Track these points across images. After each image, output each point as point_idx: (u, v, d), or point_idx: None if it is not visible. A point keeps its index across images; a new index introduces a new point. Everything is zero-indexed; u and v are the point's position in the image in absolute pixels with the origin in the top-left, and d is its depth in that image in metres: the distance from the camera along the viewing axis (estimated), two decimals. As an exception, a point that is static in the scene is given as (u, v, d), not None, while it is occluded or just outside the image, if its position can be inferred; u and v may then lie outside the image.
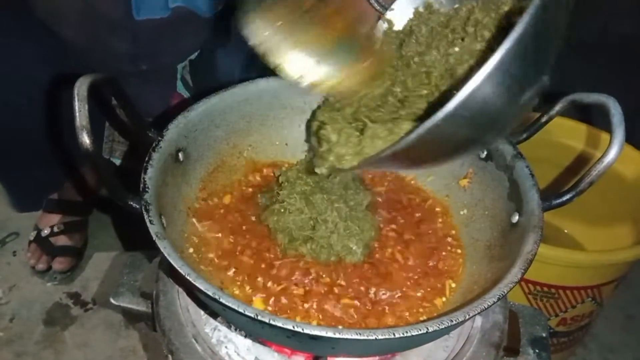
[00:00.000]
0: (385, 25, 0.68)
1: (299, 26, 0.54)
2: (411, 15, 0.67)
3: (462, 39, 0.58)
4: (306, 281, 0.60)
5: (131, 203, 0.54)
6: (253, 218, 0.67)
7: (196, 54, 1.03)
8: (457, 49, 0.57)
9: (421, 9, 0.67)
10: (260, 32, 0.54)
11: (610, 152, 0.55)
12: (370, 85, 0.58)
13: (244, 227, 0.65)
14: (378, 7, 0.71)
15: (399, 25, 0.67)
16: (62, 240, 1.28)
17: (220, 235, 0.64)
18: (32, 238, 1.30)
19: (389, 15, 0.68)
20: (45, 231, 1.28)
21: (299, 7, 0.54)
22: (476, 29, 0.57)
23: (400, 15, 0.67)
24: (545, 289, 0.98)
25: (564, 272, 0.95)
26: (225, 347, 0.63)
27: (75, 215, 1.32)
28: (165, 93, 1.07)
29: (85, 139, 0.50)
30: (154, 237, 0.51)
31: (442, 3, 0.65)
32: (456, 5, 0.63)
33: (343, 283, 0.60)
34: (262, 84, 0.73)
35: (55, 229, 1.28)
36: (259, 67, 0.85)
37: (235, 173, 0.72)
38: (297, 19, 0.54)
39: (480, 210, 0.67)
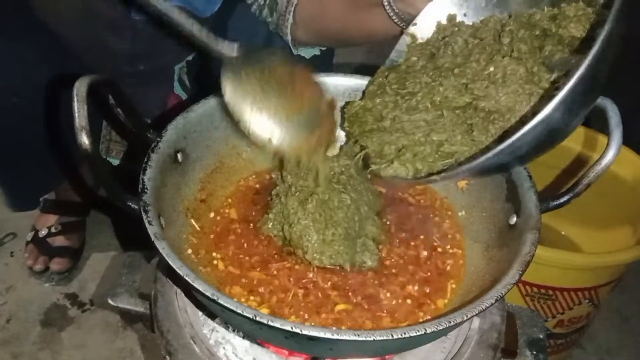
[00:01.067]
0: (408, 39, 0.69)
1: (269, 97, 0.60)
2: (434, 29, 0.68)
3: (502, 54, 0.59)
4: (305, 282, 0.60)
5: (130, 204, 0.54)
6: (251, 225, 0.67)
7: (193, 54, 1.03)
8: (502, 62, 0.58)
9: (444, 22, 0.67)
10: (237, 99, 0.59)
11: (607, 154, 0.56)
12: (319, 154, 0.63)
13: (243, 241, 0.66)
14: (398, 22, 0.72)
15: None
16: (59, 241, 1.28)
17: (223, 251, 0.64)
18: (29, 239, 1.30)
19: (412, 29, 0.69)
20: (43, 232, 1.28)
21: (268, 83, 0.60)
22: (512, 41, 0.58)
23: (424, 28, 0.69)
24: (543, 290, 0.98)
25: (561, 273, 0.95)
26: (223, 348, 0.63)
27: (73, 216, 1.31)
28: (162, 94, 1.07)
29: (85, 140, 0.50)
30: (153, 238, 0.51)
31: (466, 15, 0.66)
32: (481, 17, 0.64)
33: (343, 285, 0.60)
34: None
35: (53, 230, 1.28)
36: None
37: (235, 174, 0.72)
38: (267, 92, 0.60)
39: (478, 211, 0.67)
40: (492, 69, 0.58)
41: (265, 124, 0.59)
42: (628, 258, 0.91)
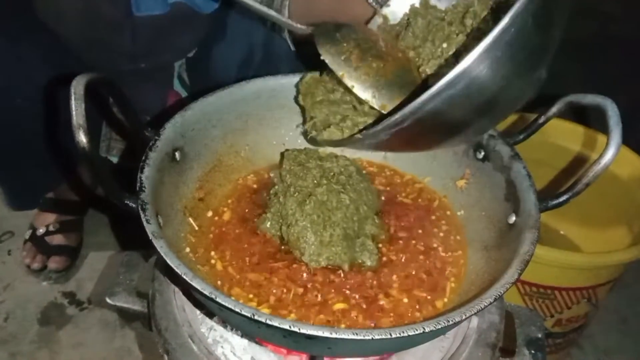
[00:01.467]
0: (380, 20, 0.69)
1: (367, 56, 0.62)
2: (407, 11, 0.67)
3: (457, 34, 0.58)
4: (304, 281, 0.60)
5: (128, 202, 0.54)
6: (249, 224, 0.67)
7: (193, 51, 1.03)
8: (456, 39, 0.58)
9: (417, 5, 0.67)
10: (335, 59, 0.62)
11: (607, 154, 0.55)
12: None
13: (241, 239, 0.65)
14: (373, 3, 0.71)
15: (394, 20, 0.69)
16: (57, 240, 1.28)
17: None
18: (27, 237, 1.29)
19: (385, 10, 0.69)
20: (41, 230, 1.28)
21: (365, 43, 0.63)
22: (473, 21, 0.58)
23: (397, 11, 0.69)
24: (541, 289, 0.98)
25: (559, 273, 0.95)
26: (222, 346, 0.63)
27: (71, 215, 1.31)
28: (162, 91, 1.07)
29: (82, 138, 0.50)
30: (151, 237, 0.51)
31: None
32: (454, 2, 0.64)
33: (342, 285, 0.60)
34: (259, 84, 0.73)
35: (51, 228, 1.28)
36: (255, 64, 0.85)
37: (233, 172, 0.72)
38: (365, 52, 0.63)
39: (477, 211, 0.67)
40: (445, 45, 0.59)
41: (368, 82, 0.61)
42: (627, 258, 0.90)
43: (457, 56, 0.59)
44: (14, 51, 0.97)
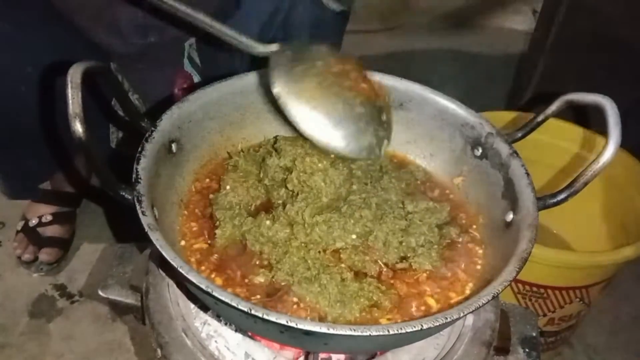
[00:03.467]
0: None
1: (327, 94, 0.59)
2: None
3: None
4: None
5: (123, 194, 0.53)
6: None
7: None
8: None
9: None
10: (292, 97, 0.59)
11: (606, 153, 0.55)
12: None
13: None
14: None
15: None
16: (50, 231, 1.27)
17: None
18: (19, 228, 1.28)
19: None
20: (33, 221, 1.26)
21: (324, 79, 0.60)
22: None
23: None
24: (535, 288, 0.98)
25: (553, 272, 0.95)
26: (215, 341, 0.62)
27: (64, 206, 1.30)
28: (171, 72, 1.06)
29: (78, 127, 0.49)
30: (146, 229, 0.50)
31: None
32: None
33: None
34: (257, 76, 0.72)
35: (44, 220, 1.27)
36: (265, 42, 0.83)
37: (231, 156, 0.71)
38: (322, 89, 0.60)
39: (474, 209, 0.67)
40: None
41: (324, 123, 0.58)
42: (620, 258, 0.91)
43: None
44: (19, 37, 0.95)
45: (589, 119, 1.13)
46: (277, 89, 0.60)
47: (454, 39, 1.98)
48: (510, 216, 0.59)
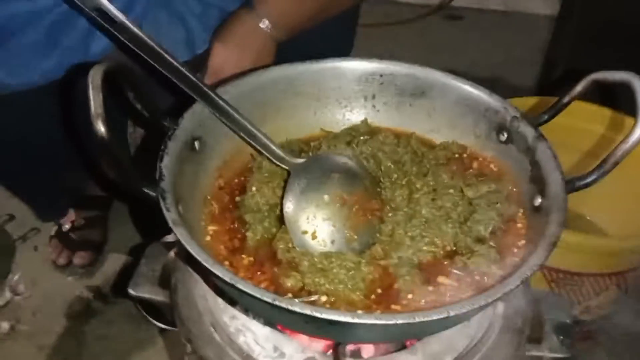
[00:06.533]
0: None
1: (327, 214, 0.61)
2: None
3: None
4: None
5: (147, 191, 0.54)
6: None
7: None
8: None
9: None
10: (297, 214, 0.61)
11: (636, 131, 0.53)
12: None
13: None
14: None
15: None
16: (83, 235, 1.30)
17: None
18: (53, 233, 1.31)
19: None
20: (67, 226, 1.30)
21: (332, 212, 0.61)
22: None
23: None
24: (568, 276, 0.96)
25: (586, 258, 0.93)
26: (244, 335, 0.63)
27: (95, 210, 1.33)
28: None
29: (100, 127, 0.50)
30: (171, 225, 0.51)
31: None
32: None
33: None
34: (276, 72, 0.72)
35: (77, 224, 1.30)
36: None
37: (253, 159, 0.72)
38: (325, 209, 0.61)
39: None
40: None
41: (319, 244, 0.59)
42: (656, 241, 0.88)
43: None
44: None
45: (617, 101, 1.10)
46: (287, 210, 0.61)
47: (476, 24, 1.95)
48: (538, 200, 0.58)
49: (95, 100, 0.50)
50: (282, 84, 0.73)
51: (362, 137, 0.72)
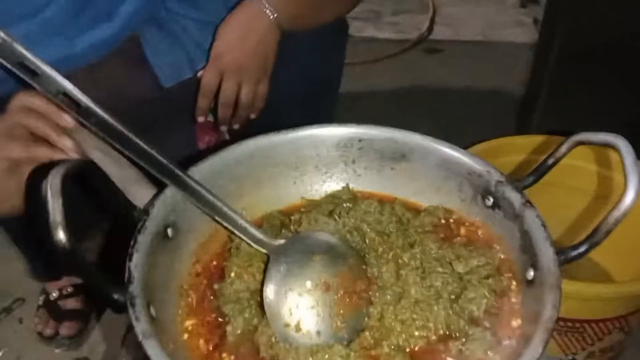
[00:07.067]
0: None
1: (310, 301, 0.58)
2: None
3: None
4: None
5: (116, 297, 0.51)
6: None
7: None
8: None
9: None
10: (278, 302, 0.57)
11: (626, 198, 0.51)
12: None
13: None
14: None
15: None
16: (71, 304, 1.25)
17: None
18: (40, 302, 1.27)
19: None
20: (54, 294, 1.25)
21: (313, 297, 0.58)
22: None
23: None
24: (569, 324, 0.93)
25: (591, 305, 0.90)
26: None
27: (83, 277, 1.29)
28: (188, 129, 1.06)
29: (61, 236, 0.47)
30: (140, 338, 0.47)
31: None
32: None
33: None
34: (251, 144, 0.70)
35: (64, 292, 1.26)
36: None
37: (230, 240, 0.69)
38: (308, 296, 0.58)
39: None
40: None
41: (304, 337, 0.56)
42: (658, 283, 0.85)
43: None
44: None
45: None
46: (268, 302, 0.57)
47: (454, 56, 1.95)
48: (531, 273, 0.55)
49: (54, 208, 0.47)
50: (258, 156, 0.70)
51: (345, 205, 0.69)
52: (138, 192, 0.60)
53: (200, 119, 0.98)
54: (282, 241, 0.61)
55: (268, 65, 0.93)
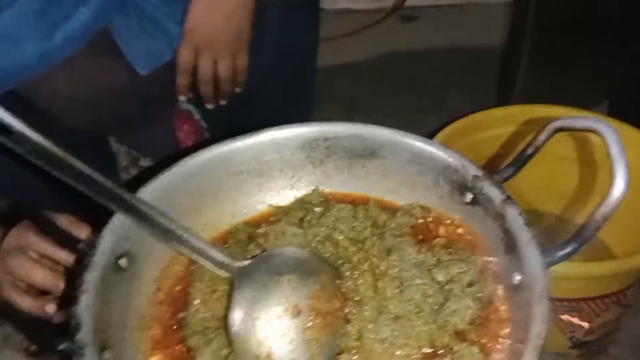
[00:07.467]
0: None
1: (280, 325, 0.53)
2: None
3: None
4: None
5: (62, 348, 0.46)
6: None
7: None
8: None
9: None
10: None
11: (614, 191, 0.47)
12: None
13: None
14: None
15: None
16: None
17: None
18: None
19: None
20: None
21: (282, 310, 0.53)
22: None
23: None
24: (565, 303, 0.89)
25: (588, 283, 0.86)
26: None
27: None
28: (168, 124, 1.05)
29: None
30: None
31: None
32: None
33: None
34: (207, 154, 0.64)
35: None
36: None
37: (195, 261, 0.64)
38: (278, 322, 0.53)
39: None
40: None
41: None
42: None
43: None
44: None
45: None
46: (234, 333, 0.52)
47: (431, 23, 1.88)
48: (517, 278, 0.50)
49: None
50: (216, 166, 0.65)
51: (315, 210, 0.64)
52: None
53: (182, 98, 0.97)
54: (246, 262, 0.56)
55: (243, 38, 0.91)
